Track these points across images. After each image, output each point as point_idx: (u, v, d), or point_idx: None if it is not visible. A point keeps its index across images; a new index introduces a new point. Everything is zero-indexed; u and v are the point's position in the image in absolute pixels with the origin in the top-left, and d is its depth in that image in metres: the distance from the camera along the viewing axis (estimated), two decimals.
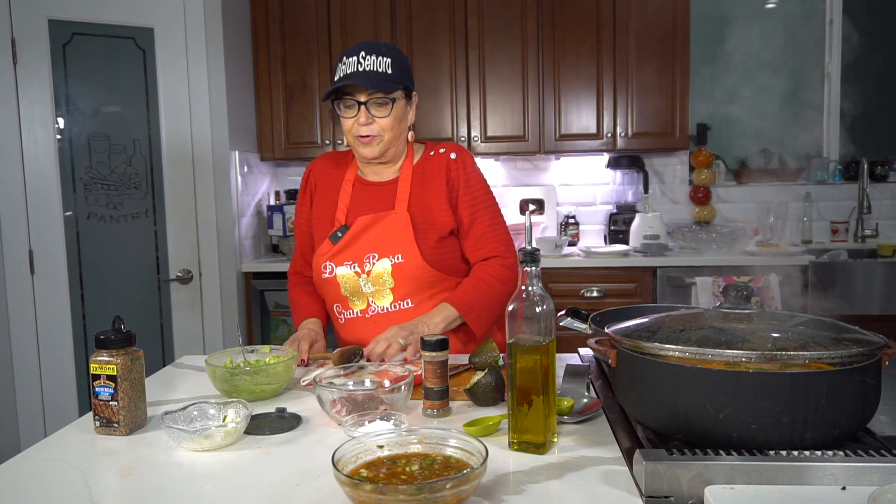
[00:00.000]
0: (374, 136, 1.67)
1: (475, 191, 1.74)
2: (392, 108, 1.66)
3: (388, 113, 1.66)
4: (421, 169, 1.75)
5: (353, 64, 1.64)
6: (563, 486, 0.99)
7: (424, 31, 3.56)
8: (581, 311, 1.56)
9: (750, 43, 3.84)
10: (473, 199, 1.73)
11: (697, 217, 3.83)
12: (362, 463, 0.99)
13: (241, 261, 3.40)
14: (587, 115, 3.55)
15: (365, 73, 1.62)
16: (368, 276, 1.68)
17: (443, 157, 1.75)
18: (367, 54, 1.63)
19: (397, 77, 1.65)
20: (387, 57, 1.65)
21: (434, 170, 1.74)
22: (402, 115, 1.70)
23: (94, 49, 2.91)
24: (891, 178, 3.78)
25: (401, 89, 1.67)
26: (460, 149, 1.78)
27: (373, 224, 1.70)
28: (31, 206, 2.83)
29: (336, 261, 1.71)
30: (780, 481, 0.90)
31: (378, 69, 1.63)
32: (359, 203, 1.75)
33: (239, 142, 3.41)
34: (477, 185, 1.75)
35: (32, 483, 1.06)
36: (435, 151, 1.77)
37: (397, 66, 1.66)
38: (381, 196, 1.74)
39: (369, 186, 1.77)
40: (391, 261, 1.67)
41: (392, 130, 1.68)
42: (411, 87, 1.73)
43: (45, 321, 2.88)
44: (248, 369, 1.39)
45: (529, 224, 1.18)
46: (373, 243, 1.69)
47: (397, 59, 1.67)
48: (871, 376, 1.01)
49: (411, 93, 1.74)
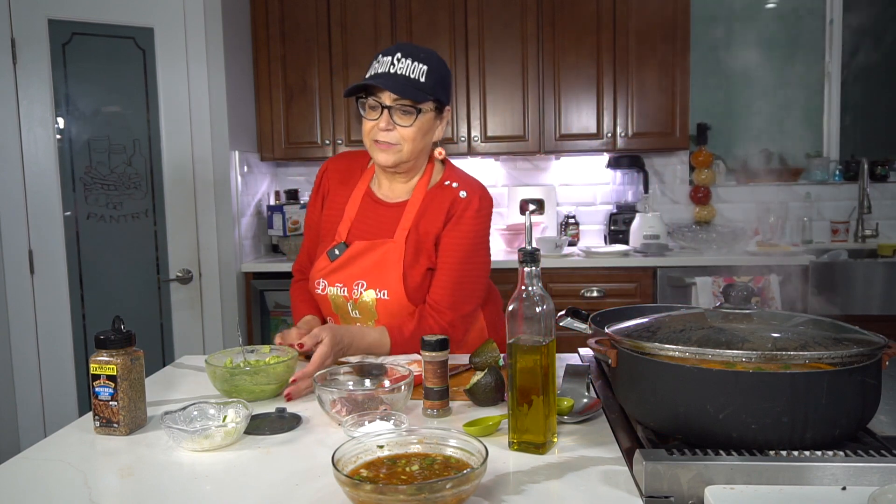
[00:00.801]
0: (392, 145, 1.58)
1: (461, 239, 1.63)
2: (417, 118, 1.56)
3: (411, 122, 1.56)
4: (431, 196, 1.66)
5: (386, 64, 1.55)
6: (563, 486, 0.99)
7: (424, 31, 3.56)
8: (581, 311, 1.56)
9: (750, 42, 3.85)
10: (453, 248, 1.63)
11: (697, 217, 3.83)
12: (362, 463, 0.99)
13: (241, 261, 3.40)
14: (587, 115, 3.55)
15: (395, 76, 1.53)
16: (356, 303, 1.65)
17: (454, 191, 1.65)
18: (404, 57, 1.54)
19: (430, 87, 1.56)
20: (424, 64, 1.55)
21: (441, 201, 1.65)
22: (427, 128, 1.60)
23: (94, 49, 2.91)
24: (891, 178, 3.79)
25: (431, 100, 1.57)
26: (474, 190, 1.66)
27: (367, 251, 1.65)
28: (31, 206, 2.83)
29: (329, 280, 1.68)
30: (780, 481, 0.90)
31: (411, 75, 1.54)
32: (363, 221, 1.69)
33: (239, 142, 3.41)
34: (466, 235, 1.63)
35: (32, 483, 1.06)
36: (451, 182, 1.67)
37: (434, 75, 1.56)
38: (386, 219, 1.67)
39: (378, 206, 1.69)
40: (377, 294, 1.63)
41: (413, 142, 1.58)
42: (445, 100, 1.62)
43: (45, 321, 2.87)
44: (248, 369, 1.39)
45: (529, 224, 1.18)
46: (363, 271, 1.64)
47: (435, 68, 1.57)
48: (871, 376, 1.01)
49: (444, 107, 1.63)
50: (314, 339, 1.48)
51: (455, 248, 1.63)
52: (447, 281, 1.64)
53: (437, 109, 1.61)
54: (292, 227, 3.60)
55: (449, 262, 1.64)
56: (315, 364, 1.44)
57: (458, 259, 1.63)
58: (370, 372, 1.40)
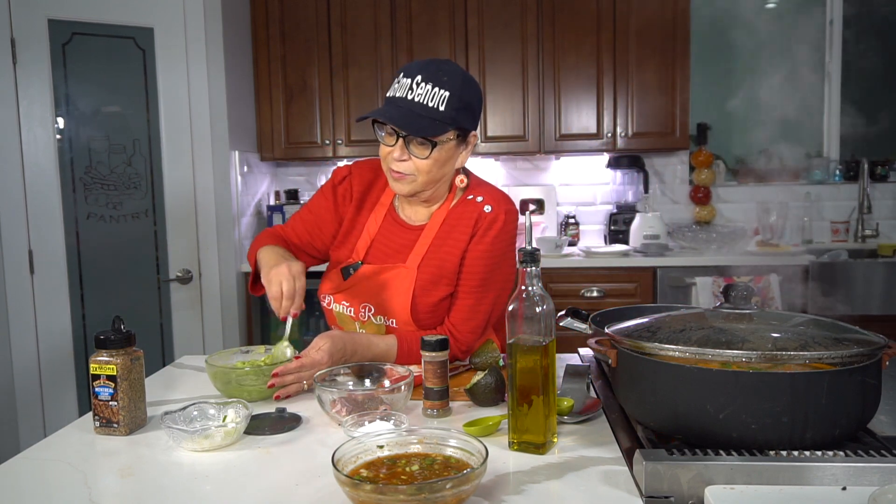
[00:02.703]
0: (406, 175, 1.47)
1: (484, 260, 1.53)
2: (433, 150, 1.44)
3: (427, 155, 1.44)
4: (456, 216, 1.56)
5: (404, 87, 1.42)
6: (563, 486, 0.99)
7: (424, 30, 3.56)
8: (581, 311, 1.56)
9: (750, 43, 3.85)
10: (475, 270, 1.54)
11: (697, 217, 3.83)
12: (362, 463, 0.99)
13: (241, 261, 3.40)
14: (587, 115, 3.55)
15: (411, 103, 1.41)
16: (363, 323, 1.60)
17: (477, 206, 1.54)
18: (424, 81, 1.41)
19: (450, 116, 1.42)
20: (446, 90, 1.41)
21: (463, 218, 1.54)
22: (445, 158, 1.48)
23: (94, 49, 2.91)
24: (891, 178, 3.79)
25: (451, 130, 1.45)
26: (499, 204, 1.55)
27: (375, 275, 1.57)
28: (31, 206, 2.83)
29: (336, 298, 1.62)
30: (780, 481, 0.90)
31: (429, 102, 1.40)
32: (382, 241, 1.61)
33: (239, 142, 3.41)
34: (490, 255, 1.53)
35: (32, 483, 1.06)
36: (474, 196, 1.56)
37: (455, 102, 1.42)
38: (404, 241, 1.59)
39: (399, 227, 1.61)
40: (385, 321, 1.57)
41: (428, 174, 1.47)
42: (470, 126, 1.49)
43: (45, 321, 2.87)
44: (247, 369, 1.39)
45: (529, 224, 1.18)
46: (371, 295, 1.57)
47: (458, 93, 1.42)
48: (871, 376, 1.01)
49: (468, 133, 1.51)
50: (315, 347, 1.42)
51: (476, 271, 1.54)
52: (465, 305, 1.56)
53: (459, 137, 1.49)
54: None
55: (470, 284, 1.55)
56: (302, 364, 1.39)
57: (479, 281, 1.54)
58: (370, 372, 1.39)
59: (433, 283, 1.54)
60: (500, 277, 1.57)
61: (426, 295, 1.54)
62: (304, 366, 1.39)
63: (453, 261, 1.54)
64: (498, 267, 1.55)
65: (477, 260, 1.53)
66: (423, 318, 1.55)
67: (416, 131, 1.42)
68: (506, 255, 1.56)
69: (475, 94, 1.48)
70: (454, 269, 1.54)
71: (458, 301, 1.56)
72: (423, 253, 1.55)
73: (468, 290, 1.55)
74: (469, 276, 1.54)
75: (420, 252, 1.56)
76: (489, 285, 1.55)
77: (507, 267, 1.58)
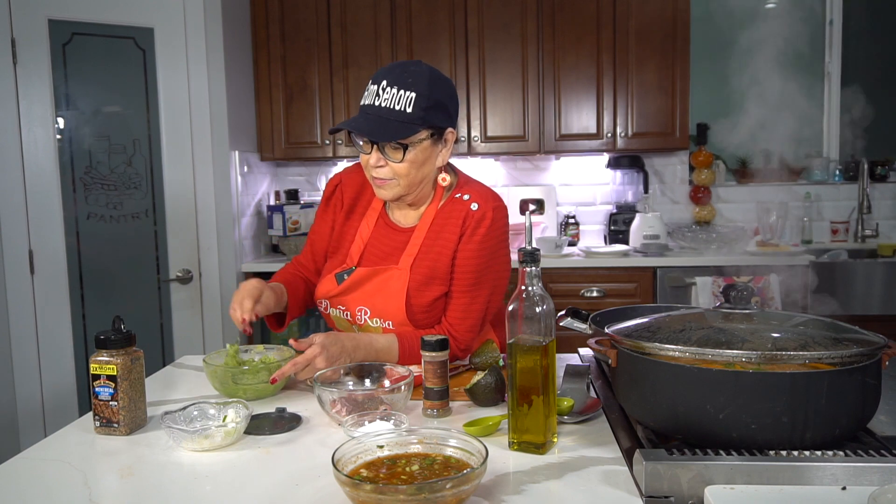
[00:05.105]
0: (387, 180, 1.50)
1: (475, 259, 1.53)
2: (406, 153, 1.46)
3: (401, 158, 1.46)
4: (444, 215, 1.57)
5: (371, 95, 1.45)
6: (563, 486, 0.99)
7: (424, 30, 3.56)
8: (581, 311, 1.56)
9: (749, 43, 3.84)
10: (467, 269, 1.54)
11: (697, 217, 3.83)
12: (362, 463, 0.99)
13: (241, 261, 3.40)
14: (587, 115, 3.55)
15: (378, 109, 1.43)
16: (360, 326, 1.60)
17: (465, 205, 1.55)
18: (389, 85, 1.42)
19: (419, 117, 1.43)
20: (411, 91, 1.42)
21: (452, 217, 1.55)
22: (423, 158, 1.49)
23: (94, 49, 2.91)
24: (891, 178, 3.78)
25: (421, 130, 1.45)
26: (486, 201, 1.55)
27: (369, 278, 1.58)
28: (31, 206, 2.83)
29: (332, 302, 1.63)
30: (780, 481, 0.90)
31: (396, 106, 1.42)
32: (375, 245, 1.62)
33: (239, 142, 3.41)
34: (479, 254, 1.53)
35: (32, 483, 1.06)
36: (461, 194, 1.57)
37: (423, 102, 1.42)
38: (396, 244, 1.60)
39: (391, 231, 1.62)
40: (381, 323, 1.57)
41: (408, 176, 1.49)
42: (443, 124, 1.49)
43: (45, 321, 2.87)
44: (247, 369, 1.39)
45: (529, 224, 1.18)
46: (366, 298, 1.58)
47: (426, 92, 1.43)
48: (871, 376, 1.01)
49: (444, 131, 1.52)
50: (308, 342, 1.42)
51: (468, 270, 1.54)
52: (460, 304, 1.56)
53: (433, 136, 1.49)
54: (292, 227, 3.60)
55: (463, 283, 1.55)
56: (296, 361, 1.38)
57: (472, 280, 1.55)
58: (370, 372, 1.39)
59: (426, 283, 1.55)
60: (493, 275, 1.57)
61: (420, 295, 1.55)
62: (297, 363, 1.39)
63: (445, 260, 1.55)
64: (489, 264, 1.56)
65: (468, 259, 1.54)
66: (418, 318, 1.56)
67: (385, 136, 1.43)
68: (496, 252, 1.56)
69: (446, 91, 1.49)
70: (446, 269, 1.55)
71: (452, 300, 1.57)
72: (415, 254, 1.57)
73: (462, 289, 1.56)
74: (461, 275, 1.55)
75: (412, 253, 1.57)
76: (482, 283, 1.56)
77: (499, 264, 1.58)
